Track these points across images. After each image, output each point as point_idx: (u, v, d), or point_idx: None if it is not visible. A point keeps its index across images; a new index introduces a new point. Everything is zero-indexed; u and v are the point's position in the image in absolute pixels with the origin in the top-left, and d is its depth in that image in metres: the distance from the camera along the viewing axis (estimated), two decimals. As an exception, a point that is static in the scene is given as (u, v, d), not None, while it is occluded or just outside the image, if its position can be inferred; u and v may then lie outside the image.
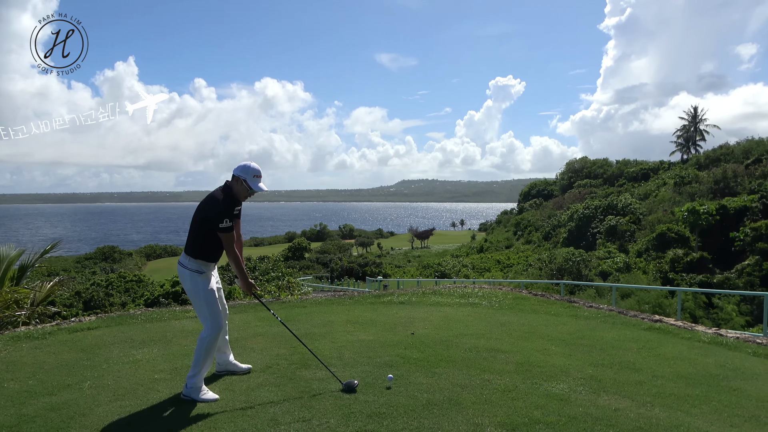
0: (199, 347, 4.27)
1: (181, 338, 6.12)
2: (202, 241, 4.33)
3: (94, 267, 61.04)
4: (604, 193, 63.20)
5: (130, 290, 29.42)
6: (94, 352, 5.59)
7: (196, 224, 4.35)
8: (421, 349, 5.57)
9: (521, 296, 8.77)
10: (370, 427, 3.66)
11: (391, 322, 6.94)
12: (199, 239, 4.33)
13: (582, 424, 3.72)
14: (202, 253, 4.35)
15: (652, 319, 7.18)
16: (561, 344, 5.87)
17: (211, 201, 4.28)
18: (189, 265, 4.36)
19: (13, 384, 4.62)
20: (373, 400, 4.11)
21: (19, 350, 5.70)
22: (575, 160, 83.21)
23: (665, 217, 42.57)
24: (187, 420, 3.79)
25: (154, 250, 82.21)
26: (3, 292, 7.37)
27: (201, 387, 4.23)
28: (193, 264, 4.36)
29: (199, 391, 4.20)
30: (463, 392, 4.31)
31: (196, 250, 4.35)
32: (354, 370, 4.83)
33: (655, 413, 3.96)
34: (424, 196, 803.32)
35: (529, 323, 6.92)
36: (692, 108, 72.87)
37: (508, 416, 3.83)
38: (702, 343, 6.15)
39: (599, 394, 4.34)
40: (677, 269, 29.46)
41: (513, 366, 5.03)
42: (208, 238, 4.32)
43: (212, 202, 4.27)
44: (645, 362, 5.26)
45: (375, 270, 49.83)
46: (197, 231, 4.35)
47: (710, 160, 57.98)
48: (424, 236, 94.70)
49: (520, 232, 71.18)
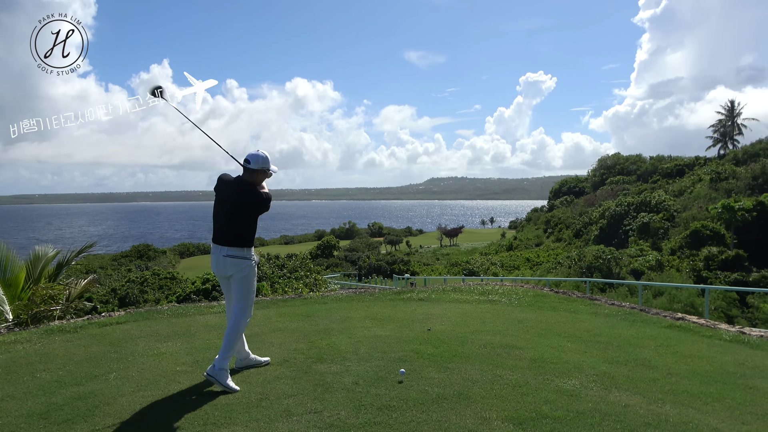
0: (234, 331, 4.48)
1: (204, 333, 6.32)
2: (254, 228, 4.55)
3: (129, 264, 62.66)
4: (637, 190, 61.87)
5: (164, 287, 30.20)
6: (121, 345, 5.83)
7: (251, 212, 4.50)
8: (436, 344, 5.64)
9: (542, 294, 8.74)
10: (380, 418, 3.76)
11: (408, 318, 7.02)
12: (252, 227, 4.53)
13: (590, 419, 3.75)
14: (253, 241, 4.57)
15: (675, 317, 7.09)
16: (577, 341, 5.86)
17: (253, 187, 4.49)
18: (250, 256, 4.54)
19: (44, 374, 4.87)
20: (385, 394, 4.20)
21: (51, 343, 5.99)
22: (607, 157, 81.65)
23: (700, 214, 41.48)
24: (204, 410, 3.94)
25: (188, 248, 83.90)
26: (39, 288, 7.72)
27: (228, 371, 4.36)
28: (252, 254, 4.56)
29: (227, 376, 4.33)
30: (473, 387, 4.37)
31: (250, 238, 4.54)
32: (368, 365, 4.93)
33: (665, 410, 3.95)
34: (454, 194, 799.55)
35: (546, 320, 6.92)
36: (729, 102, 70.76)
37: (516, 411, 3.87)
38: (723, 341, 6.05)
39: (610, 390, 4.34)
40: (711, 267, 28.69)
41: (526, 362, 5.06)
42: (254, 225, 4.56)
43: (254, 189, 4.49)
44: (661, 359, 5.23)
45: (403, 268, 49.93)
46: (251, 220, 4.51)
47: (748, 155, 56.17)
48: (452, 234, 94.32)
49: (551, 229, 70.25)
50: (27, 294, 7.62)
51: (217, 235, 4.54)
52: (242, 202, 4.48)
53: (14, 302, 7.62)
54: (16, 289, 7.72)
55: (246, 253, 4.51)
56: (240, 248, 4.48)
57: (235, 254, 4.48)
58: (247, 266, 4.52)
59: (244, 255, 4.50)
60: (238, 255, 4.48)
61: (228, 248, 4.48)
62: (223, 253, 4.48)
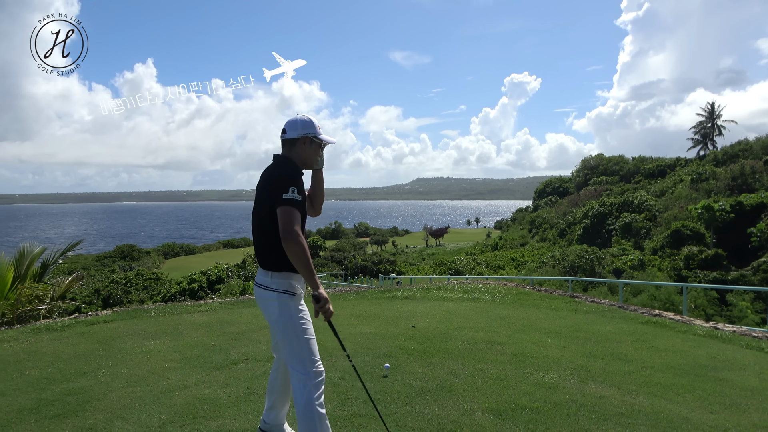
0: (305, 408, 2.91)
1: (192, 331, 6.40)
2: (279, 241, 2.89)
3: (113, 265, 62.03)
4: (620, 190, 62.67)
5: (148, 288, 30.04)
6: (109, 343, 5.89)
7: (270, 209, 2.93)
8: (420, 341, 5.78)
9: (524, 292, 8.92)
10: (364, 411, 3.88)
11: (393, 316, 7.16)
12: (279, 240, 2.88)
13: (566, 410, 3.91)
14: (286, 261, 2.93)
15: (651, 314, 7.31)
16: (557, 337, 6.04)
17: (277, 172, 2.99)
18: (274, 285, 3.00)
19: (33, 371, 4.92)
20: (369, 387, 4.32)
21: (39, 341, 6.03)
22: (591, 158, 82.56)
23: (681, 214, 42.16)
24: (194, 404, 4.04)
25: (172, 248, 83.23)
26: (25, 288, 7.73)
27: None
28: (279, 281, 3.00)
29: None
30: (455, 381, 4.51)
31: (277, 255, 2.96)
32: (354, 360, 5.04)
33: (639, 401, 4.13)
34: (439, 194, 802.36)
35: (528, 317, 7.09)
36: (709, 104, 71.95)
37: (495, 402, 4.02)
38: (697, 336, 6.27)
39: (587, 383, 4.51)
40: (691, 266, 29.21)
41: (507, 357, 5.22)
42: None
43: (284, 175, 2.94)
44: (637, 354, 5.42)
45: (389, 268, 50.06)
46: (275, 223, 2.90)
47: (728, 156, 57.19)
48: (438, 234, 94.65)
49: (535, 229, 70.88)
50: (14, 294, 7.63)
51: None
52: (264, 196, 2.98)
53: (0, 301, 7.61)
54: (3, 288, 7.72)
55: (270, 281, 3.00)
56: (264, 272, 3.04)
57: (258, 281, 3.07)
58: (272, 301, 3.00)
59: (268, 284, 3.01)
60: (260, 282, 3.06)
61: (259, 270, 3.11)
62: (256, 280, 3.11)
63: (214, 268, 28.13)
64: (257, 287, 3.08)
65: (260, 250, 3.05)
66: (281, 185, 2.87)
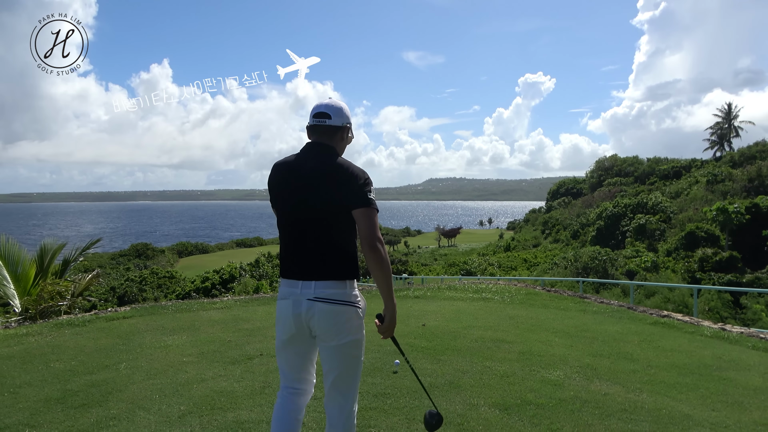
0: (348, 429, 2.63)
1: (208, 327, 6.59)
2: (353, 244, 2.56)
3: (128, 263, 62.83)
4: (635, 192, 62.26)
5: (163, 286, 30.48)
6: (129, 338, 6.10)
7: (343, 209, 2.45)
8: (430, 338, 5.92)
9: (534, 292, 9.02)
10: (375, 404, 4.03)
11: (404, 314, 7.30)
12: (353, 243, 2.55)
13: (570, 406, 4.02)
14: (357, 265, 2.56)
15: (660, 315, 7.38)
16: (564, 336, 6.14)
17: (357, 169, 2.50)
18: (354, 297, 2.53)
19: (58, 364, 5.14)
20: (380, 383, 4.48)
21: (62, 335, 6.26)
22: (605, 158, 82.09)
23: (696, 216, 41.83)
24: (211, 396, 4.21)
25: (186, 247, 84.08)
26: (47, 284, 7.99)
27: None
28: (358, 292, 2.58)
29: None
30: (463, 377, 4.64)
31: (352, 263, 2.53)
32: (365, 356, 5.19)
33: (642, 398, 4.23)
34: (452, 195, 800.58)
35: (537, 317, 7.20)
36: (726, 105, 71.18)
37: (502, 398, 4.15)
38: (704, 337, 6.34)
39: (592, 380, 4.62)
40: (705, 268, 29.03)
41: (515, 355, 5.34)
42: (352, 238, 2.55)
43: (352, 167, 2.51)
44: (643, 353, 5.51)
45: (401, 268, 50.20)
46: (349, 225, 2.50)
47: (745, 158, 56.60)
48: (451, 235, 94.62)
49: (548, 230, 70.65)
50: (36, 290, 7.89)
51: (294, 263, 2.53)
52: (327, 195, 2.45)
53: (23, 297, 7.88)
54: (26, 284, 7.99)
55: (350, 293, 2.51)
56: (338, 282, 2.48)
57: (334, 297, 2.46)
58: (355, 319, 2.53)
59: (348, 298, 2.49)
60: (339, 298, 2.46)
61: (321, 283, 2.47)
62: (307, 293, 2.48)
63: (227, 266, 28.47)
64: (325, 303, 2.44)
65: (324, 257, 2.46)
66: (363, 183, 2.47)
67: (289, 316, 2.53)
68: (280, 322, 2.60)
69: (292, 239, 2.54)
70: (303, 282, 2.49)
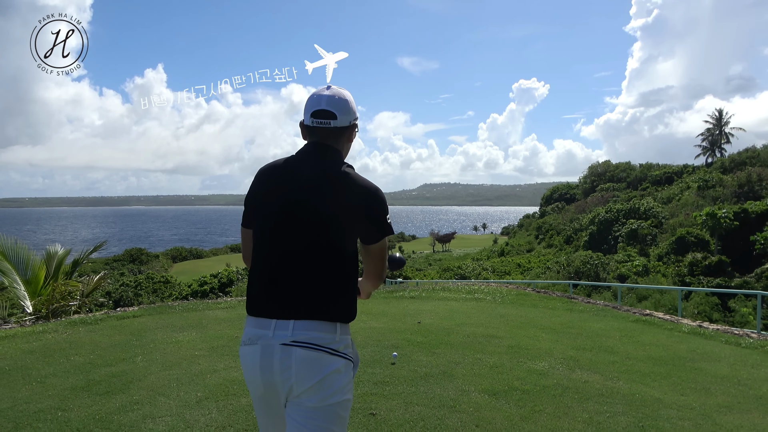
0: None
1: (215, 325, 6.96)
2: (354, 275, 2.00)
3: (122, 268, 62.79)
4: (627, 197, 62.99)
5: (158, 290, 30.70)
6: (141, 334, 6.46)
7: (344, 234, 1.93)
8: (425, 334, 6.32)
9: (524, 293, 9.44)
10: (375, 390, 4.42)
11: (400, 313, 7.69)
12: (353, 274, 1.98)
13: (553, 391, 4.43)
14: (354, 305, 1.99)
15: (642, 313, 7.80)
16: (551, 332, 6.56)
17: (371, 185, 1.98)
18: (343, 345, 1.91)
19: (77, 357, 5.49)
20: (379, 372, 4.87)
21: (77, 333, 6.61)
22: (598, 164, 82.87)
23: (687, 221, 42.46)
24: (224, 384, 4.59)
25: (180, 252, 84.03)
26: (59, 285, 8.34)
27: None
28: (347, 338, 1.95)
29: None
30: (456, 367, 5.04)
31: (350, 299, 1.96)
32: (364, 350, 5.59)
33: (618, 385, 4.64)
34: (446, 200, 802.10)
35: (526, 315, 7.61)
36: (717, 111, 72.14)
37: (491, 385, 4.55)
38: (682, 333, 6.77)
39: (574, 370, 5.03)
40: (695, 273, 29.55)
41: (504, 348, 5.75)
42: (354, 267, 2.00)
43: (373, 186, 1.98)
44: (623, 347, 5.93)
45: (395, 273, 50.53)
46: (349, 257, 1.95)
47: (735, 164, 57.42)
48: (445, 240, 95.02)
49: (542, 235, 71.20)
50: (47, 291, 8.23)
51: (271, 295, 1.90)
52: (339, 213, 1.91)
53: (34, 298, 8.22)
54: (36, 285, 8.32)
55: (338, 339, 1.88)
56: (328, 324, 1.87)
57: (319, 343, 1.84)
58: (341, 371, 1.88)
59: (334, 347, 1.87)
60: (324, 345, 1.85)
61: (302, 323, 1.85)
62: (282, 336, 1.84)
63: (225, 270, 28.74)
64: (307, 348, 1.82)
65: (319, 288, 1.88)
66: (383, 205, 1.98)
67: (256, 368, 1.85)
68: (246, 376, 1.92)
69: (274, 265, 1.90)
70: (277, 321, 1.84)
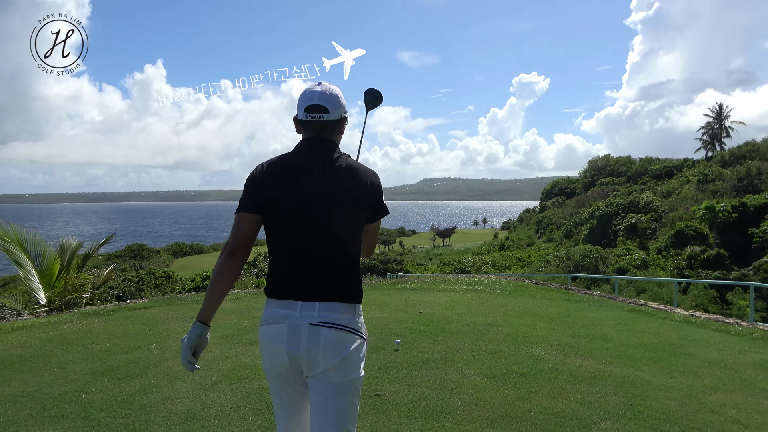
0: None
1: (224, 315, 7.21)
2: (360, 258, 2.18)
3: (123, 264, 63.01)
4: (627, 191, 63.19)
5: (160, 286, 30.94)
6: (153, 324, 6.71)
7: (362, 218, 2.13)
8: (427, 323, 6.57)
9: (523, 284, 9.69)
10: (380, 374, 4.67)
11: (403, 303, 7.94)
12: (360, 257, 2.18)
13: (548, 374, 4.68)
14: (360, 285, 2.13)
15: (637, 303, 8.05)
16: (548, 321, 6.81)
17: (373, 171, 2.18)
18: (360, 327, 2.08)
19: (94, 346, 5.75)
20: (383, 358, 5.12)
21: (91, 323, 6.86)
22: (598, 158, 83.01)
23: (686, 215, 42.70)
24: (237, 369, 4.84)
25: (181, 247, 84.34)
26: (71, 277, 8.59)
27: None
28: (362, 318, 2.12)
29: None
30: (456, 353, 5.29)
31: (359, 281, 2.11)
32: (369, 338, 5.83)
33: (611, 369, 4.89)
34: (447, 195, 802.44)
35: (524, 305, 7.86)
36: (717, 105, 72.25)
37: (489, 369, 4.80)
38: (674, 321, 7.01)
39: (569, 355, 5.28)
40: (693, 266, 29.82)
41: (502, 336, 6.00)
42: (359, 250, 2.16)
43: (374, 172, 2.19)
44: (616, 334, 6.18)
45: (396, 267, 50.87)
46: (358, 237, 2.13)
47: (735, 158, 57.55)
48: (446, 234, 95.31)
49: (542, 230, 71.48)
50: (60, 283, 8.48)
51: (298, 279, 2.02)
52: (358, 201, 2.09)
53: (48, 290, 8.47)
54: (51, 278, 8.58)
55: (355, 318, 2.06)
56: (347, 305, 2.03)
57: (342, 323, 2.00)
58: (359, 347, 2.04)
59: (352, 325, 2.03)
60: (347, 325, 2.01)
61: (326, 305, 1.99)
62: (310, 317, 1.97)
63: (227, 265, 28.96)
64: (333, 329, 1.97)
65: (341, 273, 2.03)
66: (381, 188, 2.20)
67: (282, 344, 1.98)
68: (269, 353, 2.05)
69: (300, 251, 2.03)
70: (303, 303, 1.98)
